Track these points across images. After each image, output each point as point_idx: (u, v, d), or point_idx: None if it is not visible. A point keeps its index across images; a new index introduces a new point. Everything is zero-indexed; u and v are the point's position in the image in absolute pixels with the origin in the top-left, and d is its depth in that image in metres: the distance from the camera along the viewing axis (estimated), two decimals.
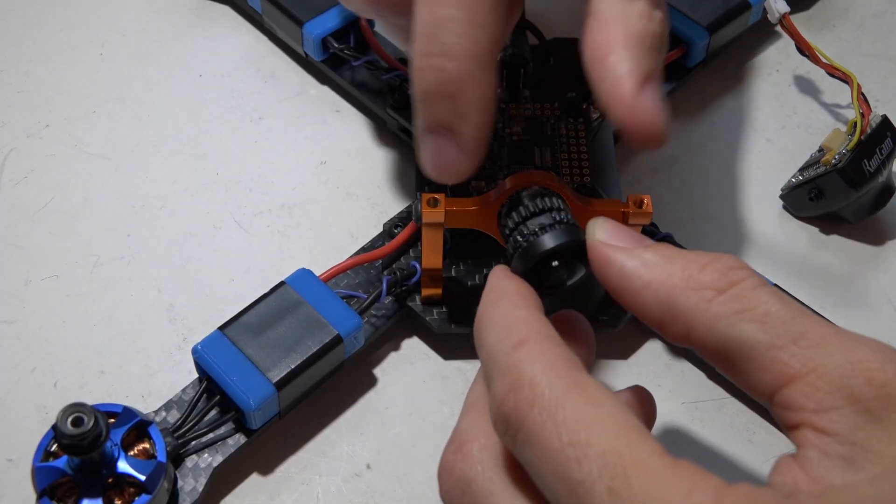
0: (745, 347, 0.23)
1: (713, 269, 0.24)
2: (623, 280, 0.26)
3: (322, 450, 0.37)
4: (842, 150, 0.41)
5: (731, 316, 0.24)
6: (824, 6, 0.53)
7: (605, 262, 0.26)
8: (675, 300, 0.24)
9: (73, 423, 0.29)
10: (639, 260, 0.25)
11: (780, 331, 0.23)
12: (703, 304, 0.24)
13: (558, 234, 0.28)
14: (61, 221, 0.43)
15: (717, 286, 0.24)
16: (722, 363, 0.24)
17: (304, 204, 0.44)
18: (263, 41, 0.50)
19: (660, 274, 0.25)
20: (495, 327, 0.26)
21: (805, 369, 0.23)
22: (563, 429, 0.22)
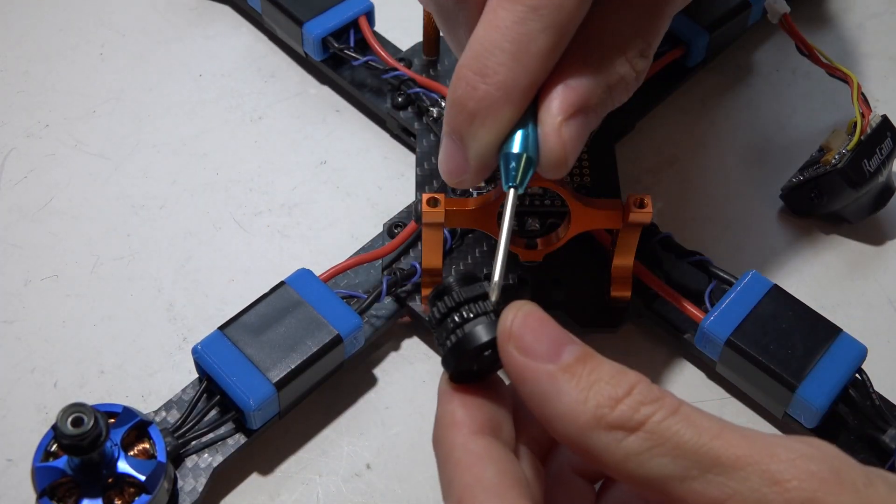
0: (660, 482, 0.23)
1: (625, 405, 0.24)
2: (533, 403, 0.25)
3: (322, 450, 0.37)
4: (842, 150, 0.41)
5: (643, 454, 0.23)
6: (824, 6, 0.53)
7: (517, 377, 0.25)
8: (586, 440, 0.24)
9: (73, 423, 0.29)
10: (552, 386, 0.24)
11: (691, 461, 0.23)
12: (613, 445, 0.24)
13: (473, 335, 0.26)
14: (61, 221, 0.43)
15: (629, 425, 0.24)
16: (644, 492, 0.24)
17: (304, 204, 0.44)
18: (263, 41, 0.50)
19: (572, 409, 0.24)
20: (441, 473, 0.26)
21: (723, 496, 0.23)
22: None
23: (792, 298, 0.37)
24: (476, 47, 0.29)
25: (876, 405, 0.35)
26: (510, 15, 0.28)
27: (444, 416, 0.26)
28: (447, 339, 0.27)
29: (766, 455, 0.23)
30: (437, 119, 0.43)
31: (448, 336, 0.27)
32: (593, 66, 0.30)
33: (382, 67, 0.45)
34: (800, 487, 0.22)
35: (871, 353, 0.36)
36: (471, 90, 0.29)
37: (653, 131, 0.47)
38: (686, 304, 0.38)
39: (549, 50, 0.28)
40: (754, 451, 0.23)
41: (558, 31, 0.28)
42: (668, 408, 0.24)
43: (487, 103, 0.29)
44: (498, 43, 0.28)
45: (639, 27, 0.31)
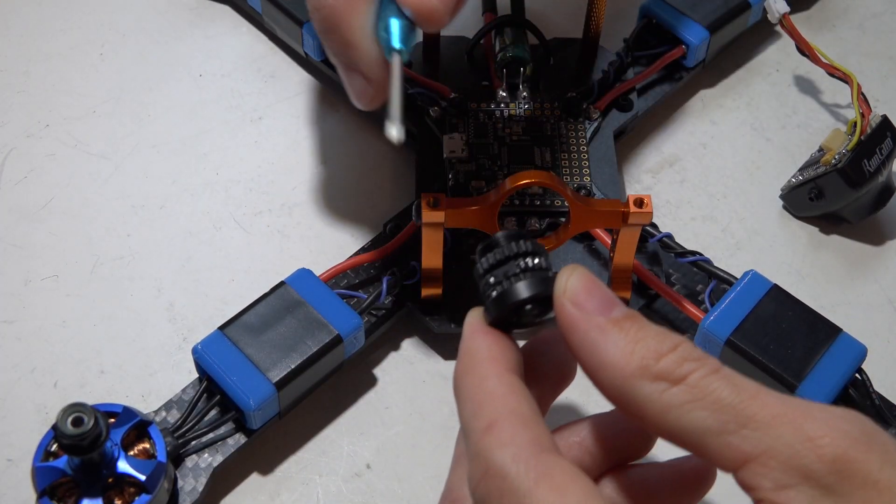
0: (697, 435, 0.24)
1: (669, 359, 0.25)
2: (583, 352, 0.26)
3: (322, 450, 0.37)
4: (842, 150, 0.41)
5: (683, 406, 0.24)
6: (824, 6, 0.53)
7: (568, 327, 0.26)
8: (630, 388, 0.25)
9: (73, 423, 0.29)
10: (602, 336, 0.26)
11: (729, 416, 0.24)
12: (655, 395, 0.24)
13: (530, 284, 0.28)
14: (61, 221, 0.43)
15: (672, 377, 0.25)
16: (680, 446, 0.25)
17: (304, 204, 0.44)
18: (263, 41, 0.50)
19: (619, 357, 0.25)
20: (469, 402, 0.26)
21: (757, 451, 0.23)
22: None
23: (792, 298, 0.37)
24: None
25: (876, 405, 0.35)
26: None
27: (477, 350, 0.27)
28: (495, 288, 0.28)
29: (801, 415, 0.24)
30: (437, 119, 0.43)
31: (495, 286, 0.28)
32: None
33: None
34: (832, 444, 0.23)
35: (871, 353, 0.36)
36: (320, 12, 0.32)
37: (653, 131, 0.47)
38: (686, 304, 0.38)
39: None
40: (790, 410, 0.24)
41: None
42: (710, 366, 0.25)
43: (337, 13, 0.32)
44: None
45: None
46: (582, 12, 0.45)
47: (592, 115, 0.43)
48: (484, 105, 0.43)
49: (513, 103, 0.44)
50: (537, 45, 0.44)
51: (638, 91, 0.46)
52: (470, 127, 0.43)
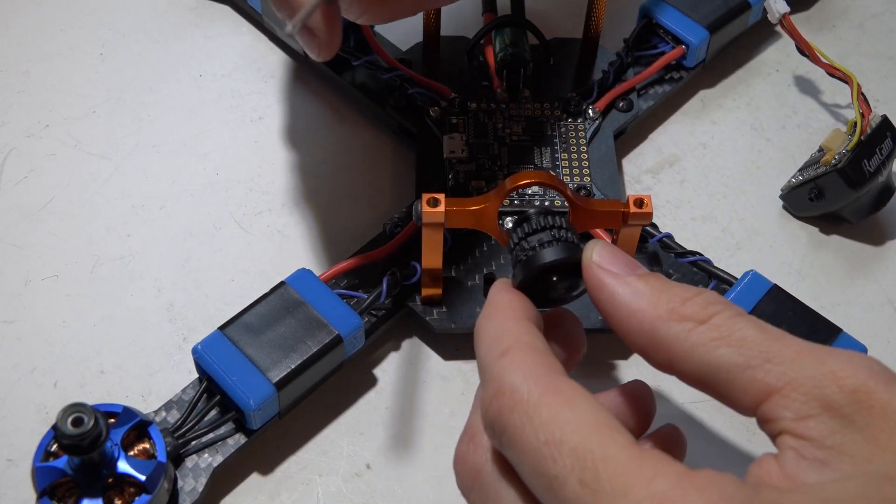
0: (724, 370, 0.25)
1: (694, 302, 0.26)
2: (612, 305, 0.27)
3: (322, 450, 0.37)
4: (842, 150, 0.41)
5: (710, 343, 0.25)
6: (824, 6, 0.53)
7: (597, 285, 0.28)
8: (658, 330, 0.26)
9: (73, 423, 0.29)
10: (629, 288, 0.27)
11: (754, 352, 0.25)
12: (683, 334, 0.26)
13: (557, 250, 0.30)
14: (61, 221, 0.43)
15: (698, 318, 0.26)
16: (704, 387, 0.26)
17: (304, 204, 0.44)
18: (263, 41, 0.50)
19: (646, 304, 0.27)
20: (486, 337, 0.28)
21: (780, 383, 0.24)
22: (539, 430, 0.24)
23: (792, 298, 0.37)
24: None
25: None
26: None
27: (500, 301, 0.29)
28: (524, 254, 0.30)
29: (824, 352, 0.25)
30: (437, 119, 0.43)
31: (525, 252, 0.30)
32: None
33: (383, 67, 0.45)
34: (853, 376, 0.24)
35: (871, 353, 0.36)
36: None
37: (653, 131, 0.47)
38: None
39: None
40: (813, 348, 0.25)
41: None
42: (734, 310, 0.26)
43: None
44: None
45: None
46: (582, 12, 0.45)
47: (592, 115, 0.43)
48: (484, 105, 0.43)
49: (513, 103, 0.44)
50: (537, 45, 0.44)
51: (638, 91, 0.46)
52: (470, 127, 0.43)
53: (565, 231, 0.31)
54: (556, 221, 0.31)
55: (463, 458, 0.28)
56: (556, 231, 0.31)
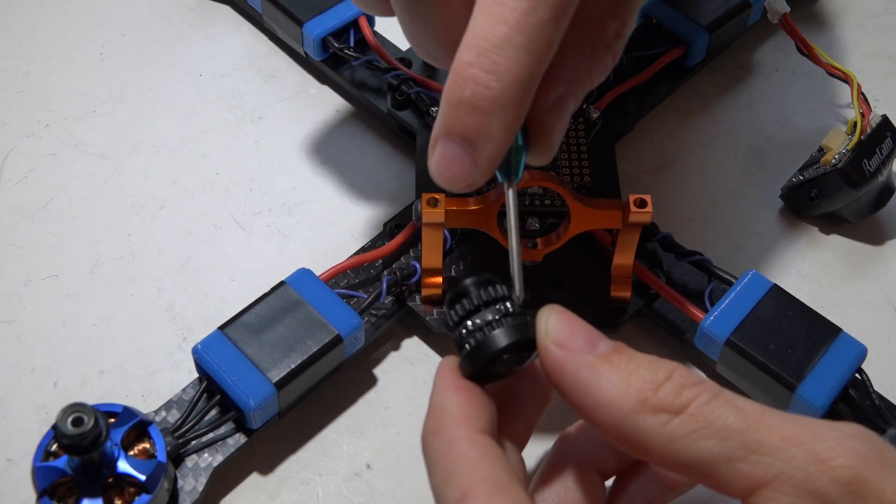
0: (706, 464, 0.23)
1: (667, 389, 0.24)
2: (575, 393, 0.25)
3: (322, 450, 0.37)
4: (842, 149, 0.41)
5: (688, 436, 0.24)
6: (824, 6, 0.53)
7: (556, 371, 0.25)
8: (631, 424, 0.24)
9: (73, 423, 0.29)
10: (593, 374, 0.25)
11: (737, 443, 0.23)
12: (659, 428, 0.24)
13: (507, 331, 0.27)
14: (61, 221, 0.43)
15: (673, 408, 0.24)
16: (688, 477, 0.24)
17: (304, 204, 0.44)
18: (263, 41, 0.50)
19: (615, 394, 0.24)
20: (438, 467, 0.26)
21: (769, 476, 0.23)
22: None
23: (792, 298, 0.37)
24: (481, 42, 0.26)
25: (876, 405, 0.35)
26: (519, 5, 0.26)
27: (446, 408, 0.26)
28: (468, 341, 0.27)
29: (811, 435, 0.23)
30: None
31: (470, 336, 0.27)
32: (573, 51, 0.29)
33: (382, 67, 0.45)
34: (846, 465, 0.22)
35: (871, 353, 0.36)
36: (483, 90, 0.26)
37: (653, 131, 0.47)
38: (686, 304, 0.38)
39: (557, 38, 0.26)
40: (799, 431, 0.23)
41: (563, 18, 0.26)
42: (710, 391, 0.24)
43: (502, 101, 0.26)
44: (508, 36, 0.26)
45: (613, 8, 0.30)
46: None
47: (592, 115, 0.43)
48: None
49: None
50: None
51: (638, 91, 0.46)
52: None
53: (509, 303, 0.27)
54: (498, 292, 0.27)
55: None
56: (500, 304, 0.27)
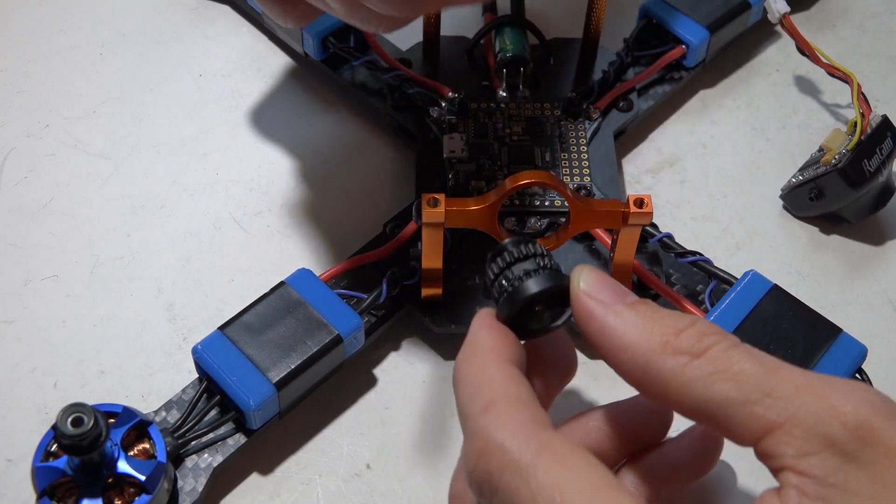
0: (722, 406, 0.24)
1: (689, 334, 0.25)
2: (603, 337, 0.27)
3: (322, 450, 0.37)
4: (842, 150, 0.41)
5: (706, 378, 0.25)
6: (824, 6, 0.53)
7: (586, 316, 0.27)
8: (653, 364, 0.25)
9: (73, 423, 0.29)
10: (620, 319, 0.26)
11: (752, 386, 0.24)
12: (679, 369, 0.25)
13: (543, 279, 0.29)
14: (61, 221, 0.43)
15: (693, 351, 0.25)
16: (702, 421, 0.25)
17: (304, 204, 0.44)
18: (263, 41, 0.50)
19: (639, 336, 0.26)
20: (467, 386, 0.27)
21: (781, 419, 0.24)
22: (537, 494, 0.23)
23: (792, 298, 0.37)
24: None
25: None
26: None
27: (479, 342, 0.28)
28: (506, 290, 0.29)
29: (824, 385, 0.24)
30: (437, 119, 0.43)
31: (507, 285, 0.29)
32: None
33: (382, 67, 0.45)
34: (855, 412, 0.23)
35: (871, 353, 0.36)
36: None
37: (653, 131, 0.47)
38: (686, 304, 0.38)
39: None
40: (813, 381, 0.24)
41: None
42: (730, 340, 0.25)
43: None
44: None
45: None
46: (582, 12, 0.45)
47: (592, 115, 0.43)
48: (484, 105, 0.43)
49: (513, 103, 0.44)
50: (537, 45, 0.44)
51: (638, 91, 0.46)
52: (470, 127, 0.43)
53: (546, 258, 0.29)
54: (536, 249, 0.30)
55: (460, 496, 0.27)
56: (538, 259, 0.29)
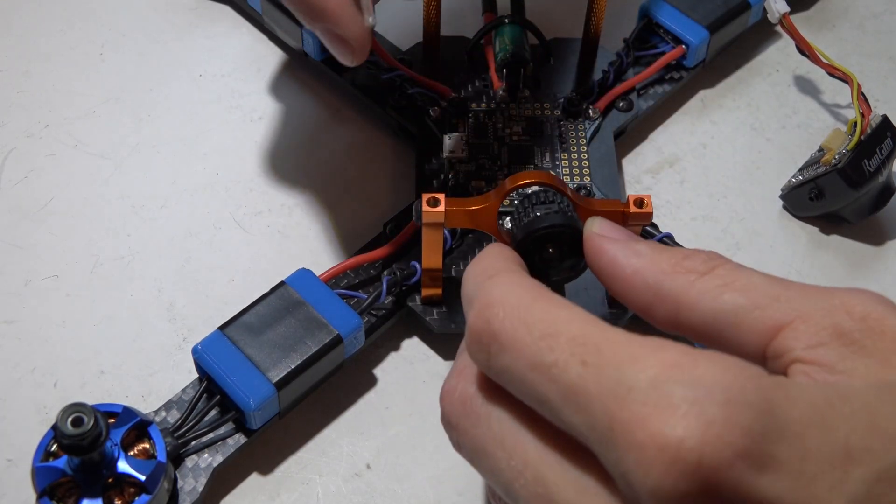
0: (731, 314, 0.25)
1: (697, 257, 0.26)
2: (614, 267, 0.27)
3: (322, 450, 0.37)
4: (842, 150, 0.41)
5: (715, 290, 0.25)
6: (824, 6, 0.53)
7: (597, 251, 0.28)
8: (663, 283, 0.26)
9: (73, 423, 0.29)
10: (630, 249, 0.27)
11: (761, 293, 0.25)
12: (688, 285, 0.26)
13: (559, 216, 0.30)
14: (61, 221, 0.43)
15: (701, 269, 0.26)
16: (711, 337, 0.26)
17: (304, 204, 0.44)
18: (263, 41, 0.50)
19: (649, 262, 0.27)
20: (473, 273, 0.28)
21: (790, 318, 0.24)
22: (533, 327, 0.24)
23: None
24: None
25: None
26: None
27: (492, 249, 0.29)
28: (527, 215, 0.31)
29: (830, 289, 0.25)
30: (437, 119, 0.43)
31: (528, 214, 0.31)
32: None
33: (383, 67, 0.45)
34: (861, 304, 0.24)
35: None
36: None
37: (653, 131, 0.47)
38: None
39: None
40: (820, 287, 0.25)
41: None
42: (735, 264, 0.26)
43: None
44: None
45: None
46: (582, 12, 0.45)
47: (592, 115, 0.43)
48: (484, 105, 0.43)
49: (513, 103, 0.44)
50: (537, 45, 0.44)
51: (638, 91, 0.46)
52: (470, 127, 0.43)
53: (567, 206, 0.31)
54: (560, 198, 0.31)
55: (451, 391, 0.27)
56: (560, 204, 0.31)
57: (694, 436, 0.20)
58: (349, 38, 0.35)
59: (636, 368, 0.22)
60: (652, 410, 0.21)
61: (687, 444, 0.20)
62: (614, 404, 0.22)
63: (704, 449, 0.20)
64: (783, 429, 0.21)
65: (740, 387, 0.21)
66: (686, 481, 0.20)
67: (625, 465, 0.21)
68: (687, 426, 0.21)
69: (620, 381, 0.22)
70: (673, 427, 0.21)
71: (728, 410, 0.21)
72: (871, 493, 0.21)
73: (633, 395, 0.21)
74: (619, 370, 0.22)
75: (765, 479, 0.21)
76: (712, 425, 0.20)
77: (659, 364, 0.22)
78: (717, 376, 0.21)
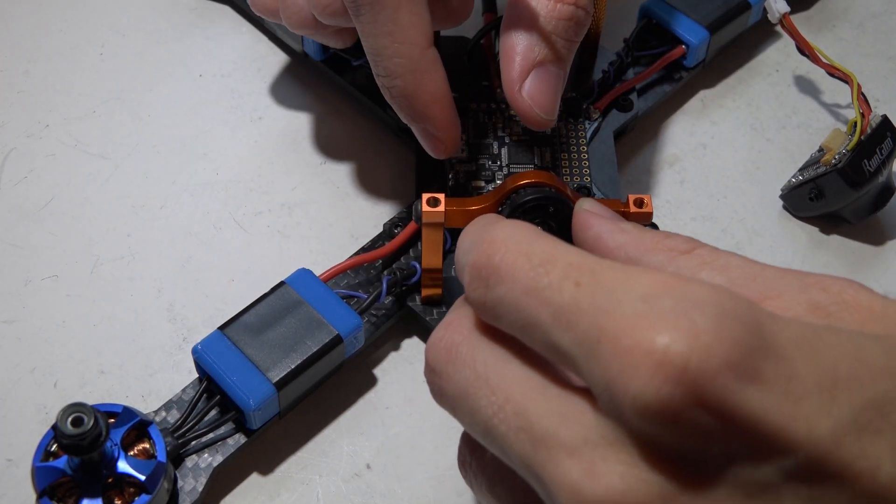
0: None
1: (678, 237, 0.27)
2: (598, 241, 0.28)
3: (322, 450, 0.37)
4: (842, 150, 0.41)
5: (694, 268, 0.26)
6: (824, 6, 0.53)
7: (584, 226, 0.29)
8: (643, 258, 0.27)
9: (73, 423, 0.29)
10: (615, 226, 0.28)
11: (738, 274, 0.25)
12: (667, 261, 0.26)
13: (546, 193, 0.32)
14: (61, 221, 0.43)
15: (682, 248, 0.26)
16: None
17: (304, 204, 0.44)
18: (263, 41, 0.50)
19: (632, 238, 0.27)
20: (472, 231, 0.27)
21: (766, 297, 0.24)
22: (531, 256, 0.24)
23: None
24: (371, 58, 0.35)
25: None
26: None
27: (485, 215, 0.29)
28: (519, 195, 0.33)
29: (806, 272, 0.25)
30: None
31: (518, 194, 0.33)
32: (527, 21, 0.35)
33: None
34: (837, 284, 0.25)
35: None
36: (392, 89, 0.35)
37: (653, 131, 0.47)
38: None
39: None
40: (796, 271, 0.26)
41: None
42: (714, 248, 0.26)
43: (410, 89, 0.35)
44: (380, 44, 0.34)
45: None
46: None
47: (592, 115, 0.43)
48: (484, 105, 0.43)
49: None
50: None
51: (638, 91, 0.46)
52: (470, 127, 0.43)
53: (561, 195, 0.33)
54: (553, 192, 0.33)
55: (437, 341, 0.27)
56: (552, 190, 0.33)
57: (682, 343, 0.20)
58: (445, 141, 0.37)
59: (628, 286, 0.22)
60: (640, 321, 0.21)
61: (674, 348, 0.20)
62: (603, 317, 0.22)
63: (692, 355, 0.20)
64: (772, 348, 0.21)
65: (732, 305, 0.21)
66: (670, 387, 0.20)
67: (609, 374, 0.21)
68: (676, 334, 0.21)
69: (611, 297, 0.22)
70: (661, 333, 0.21)
71: (718, 323, 0.21)
72: (858, 419, 0.21)
73: (623, 308, 0.22)
74: (612, 289, 0.22)
75: (751, 393, 0.21)
76: (701, 335, 0.21)
77: (651, 282, 0.22)
78: (709, 294, 0.21)
